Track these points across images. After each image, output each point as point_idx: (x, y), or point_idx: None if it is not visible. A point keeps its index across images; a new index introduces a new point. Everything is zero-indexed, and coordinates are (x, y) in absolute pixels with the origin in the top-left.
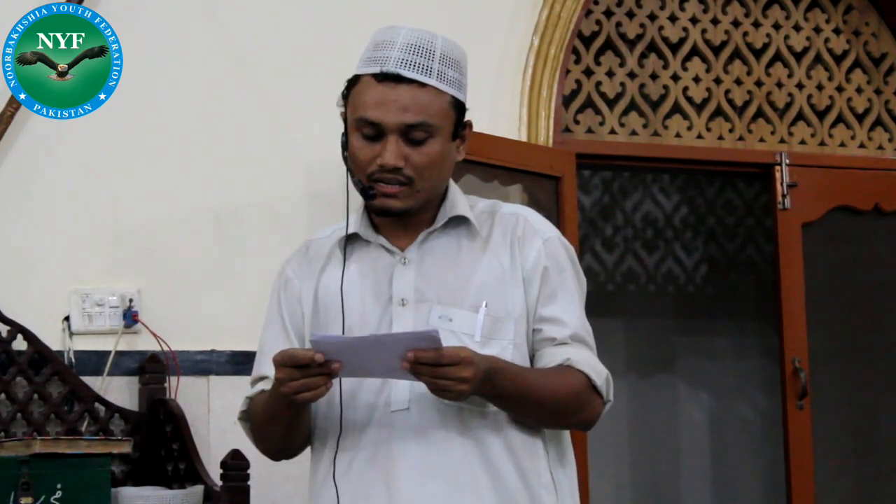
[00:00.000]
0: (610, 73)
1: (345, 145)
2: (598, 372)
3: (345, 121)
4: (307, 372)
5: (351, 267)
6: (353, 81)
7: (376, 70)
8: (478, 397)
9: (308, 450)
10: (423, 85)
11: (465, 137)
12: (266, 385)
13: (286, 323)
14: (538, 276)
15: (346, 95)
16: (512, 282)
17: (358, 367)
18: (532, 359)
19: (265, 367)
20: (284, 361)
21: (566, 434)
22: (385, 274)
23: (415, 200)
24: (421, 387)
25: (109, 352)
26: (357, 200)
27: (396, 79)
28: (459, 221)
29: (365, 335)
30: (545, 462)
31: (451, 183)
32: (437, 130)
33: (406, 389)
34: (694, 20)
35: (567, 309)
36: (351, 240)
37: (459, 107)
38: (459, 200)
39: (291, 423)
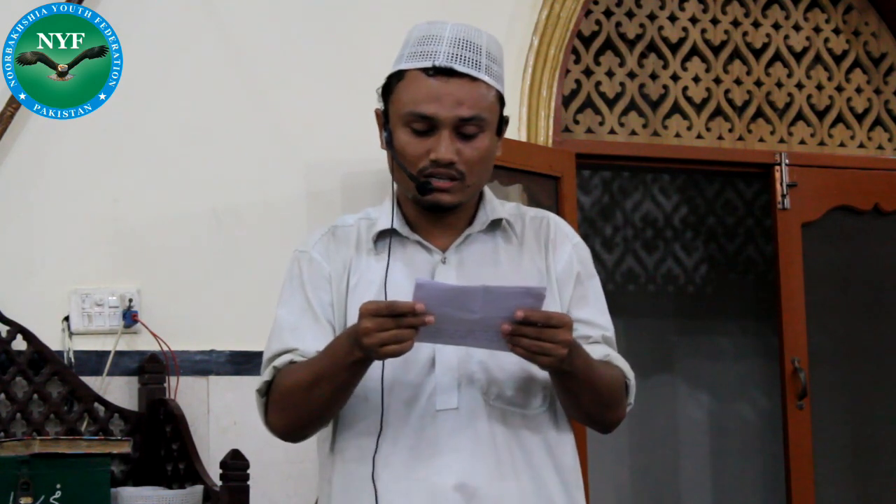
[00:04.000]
0: (610, 73)
1: (388, 140)
2: (631, 373)
3: (383, 116)
4: (401, 322)
5: (384, 262)
6: (397, 77)
7: (427, 64)
8: (521, 398)
9: (307, 449)
10: (474, 79)
11: (503, 133)
12: (295, 356)
13: (310, 300)
14: (571, 280)
15: (387, 91)
16: (549, 285)
17: (444, 327)
18: None
19: (290, 340)
20: (379, 311)
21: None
22: (424, 273)
23: (464, 195)
24: (469, 386)
25: (109, 352)
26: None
27: (449, 73)
28: (495, 223)
29: (473, 285)
30: (577, 463)
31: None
32: (487, 125)
33: (454, 388)
34: (693, 20)
35: (598, 312)
36: (384, 234)
37: (502, 102)
38: (496, 202)
39: (342, 387)
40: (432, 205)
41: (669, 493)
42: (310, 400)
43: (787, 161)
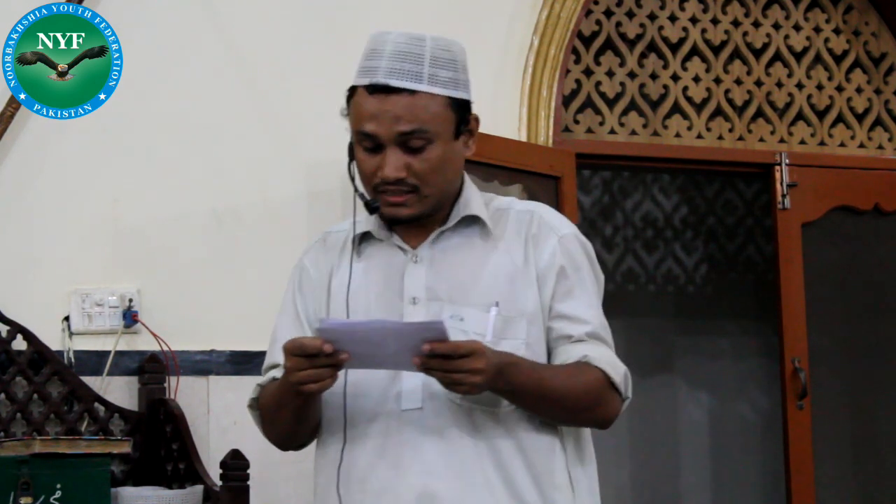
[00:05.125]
0: (610, 73)
1: (351, 153)
2: (616, 368)
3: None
4: (315, 362)
5: (364, 264)
6: (352, 92)
7: (366, 82)
8: (489, 397)
9: (307, 450)
10: (413, 92)
11: (473, 131)
12: (278, 373)
13: (299, 312)
14: (553, 275)
15: (349, 105)
16: (525, 280)
17: (366, 357)
18: (549, 357)
19: (277, 354)
20: (293, 350)
21: (586, 432)
22: (397, 272)
23: (424, 206)
24: (434, 386)
25: (109, 352)
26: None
27: (386, 90)
28: (473, 220)
29: (370, 320)
30: (562, 462)
31: (467, 180)
32: (434, 135)
33: (418, 388)
34: (694, 20)
35: (584, 306)
36: (366, 237)
37: (460, 105)
38: (473, 199)
39: (300, 412)
40: (391, 218)
41: (669, 493)
42: (281, 422)
43: (787, 161)
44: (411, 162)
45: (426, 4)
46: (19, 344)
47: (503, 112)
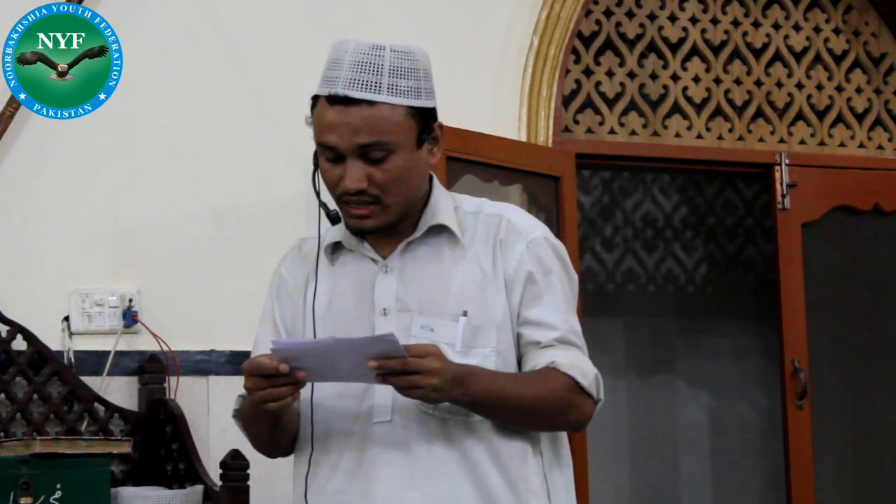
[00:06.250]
0: (609, 73)
1: (316, 162)
2: (585, 372)
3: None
4: (273, 381)
5: (336, 274)
6: (315, 101)
7: (327, 92)
8: (460, 407)
9: None
10: (372, 103)
11: (438, 138)
12: None
13: (277, 321)
14: (521, 281)
15: (312, 114)
16: (494, 288)
17: (325, 372)
18: (519, 363)
19: None
20: (252, 371)
21: (561, 434)
22: (368, 282)
23: (387, 216)
24: (404, 398)
25: (109, 352)
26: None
27: (345, 101)
28: (441, 229)
29: (321, 339)
30: (537, 466)
31: (436, 185)
32: (395, 146)
33: (389, 400)
34: (694, 20)
35: (552, 311)
36: (338, 246)
37: (422, 113)
38: (442, 206)
39: (273, 426)
40: (355, 230)
41: (669, 493)
42: (258, 433)
43: (787, 161)
44: (372, 172)
45: (426, 4)
46: (19, 344)
47: (503, 112)
